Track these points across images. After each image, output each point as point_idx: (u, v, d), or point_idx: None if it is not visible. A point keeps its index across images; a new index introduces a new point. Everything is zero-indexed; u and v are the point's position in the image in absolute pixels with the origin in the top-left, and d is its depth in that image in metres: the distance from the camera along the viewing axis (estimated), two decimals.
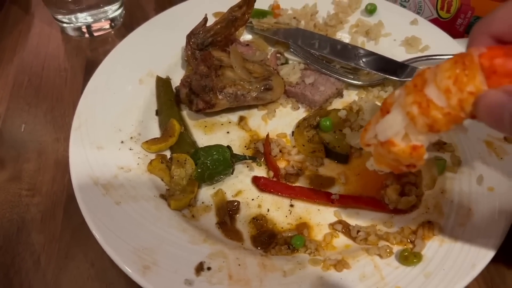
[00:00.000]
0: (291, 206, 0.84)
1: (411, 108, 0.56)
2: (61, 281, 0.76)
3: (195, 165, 0.83)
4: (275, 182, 0.86)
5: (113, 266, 0.73)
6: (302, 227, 0.80)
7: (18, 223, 0.82)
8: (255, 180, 0.86)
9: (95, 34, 1.17)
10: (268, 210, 0.83)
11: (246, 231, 0.80)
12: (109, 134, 0.87)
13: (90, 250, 0.79)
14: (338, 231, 0.80)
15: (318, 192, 0.85)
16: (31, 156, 0.92)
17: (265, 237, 0.79)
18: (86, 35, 1.17)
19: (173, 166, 0.83)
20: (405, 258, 0.72)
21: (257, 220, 0.81)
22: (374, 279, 0.71)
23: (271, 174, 0.87)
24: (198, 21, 1.00)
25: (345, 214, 0.82)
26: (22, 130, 0.97)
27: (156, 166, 0.84)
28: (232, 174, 0.86)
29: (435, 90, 0.54)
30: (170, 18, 1.08)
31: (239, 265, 0.73)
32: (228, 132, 0.95)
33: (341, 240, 0.79)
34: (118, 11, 1.18)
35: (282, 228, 0.81)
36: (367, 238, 0.77)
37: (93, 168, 0.81)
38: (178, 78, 0.99)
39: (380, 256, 0.74)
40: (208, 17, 1.00)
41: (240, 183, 0.87)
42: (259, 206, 0.83)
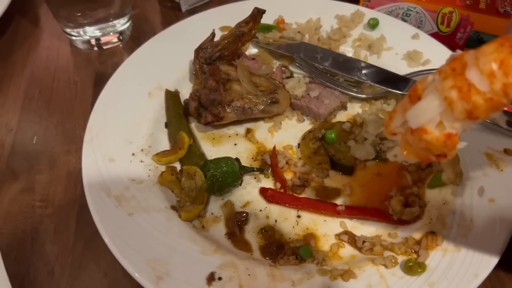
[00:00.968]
0: (298, 217, 0.86)
1: (450, 92, 0.53)
2: None
3: (205, 177, 0.85)
4: (282, 194, 0.88)
5: (125, 276, 0.75)
6: (309, 238, 0.82)
7: (32, 234, 0.84)
8: (263, 191, 0.88)
9: (104, 47, 1.19)
10: (276, 221, 0.85)
11: (254, 242, 0.82)
12: (120, 147, 0.89)
13: (102, 260, 0.80)
14: (344, 242, 0.82)
15: (324, 203, 0.87)
16: (43, 167, 0.94)
17: (273, 247, 0.80)
18: (95, 48, 1.19)
19: (183, 178, 0.85)
20: (409, 268, 0.74)
21: (265, 230, 0.83)
22: None
23: (278, 185, 0.89)
24: (205, 35, 1.02)
25: (350, 225, 0.84)
26: (34, 142, 0.99)
27: (166, 178, 0.86)
28: (240, 185, 0.88)
29: (478, 74, 0.51)
30: (177, 32, 1.11)
31: (249, 275, 0.74)
32: (235, 144, 0.97)
33: (347, 250, 0.81)
34: (126, 25, 1.21)
35: (289, 238, 0.83)
36: (373, 248, 0.79)
37: (105, 180, 0.83)
38: (186, 91, 1.02)
39: (385, 266, 0.76)
40: (215, 31, 1.02)
41: (248, 194, 0.89)
42: (267, 217, 0.85)
